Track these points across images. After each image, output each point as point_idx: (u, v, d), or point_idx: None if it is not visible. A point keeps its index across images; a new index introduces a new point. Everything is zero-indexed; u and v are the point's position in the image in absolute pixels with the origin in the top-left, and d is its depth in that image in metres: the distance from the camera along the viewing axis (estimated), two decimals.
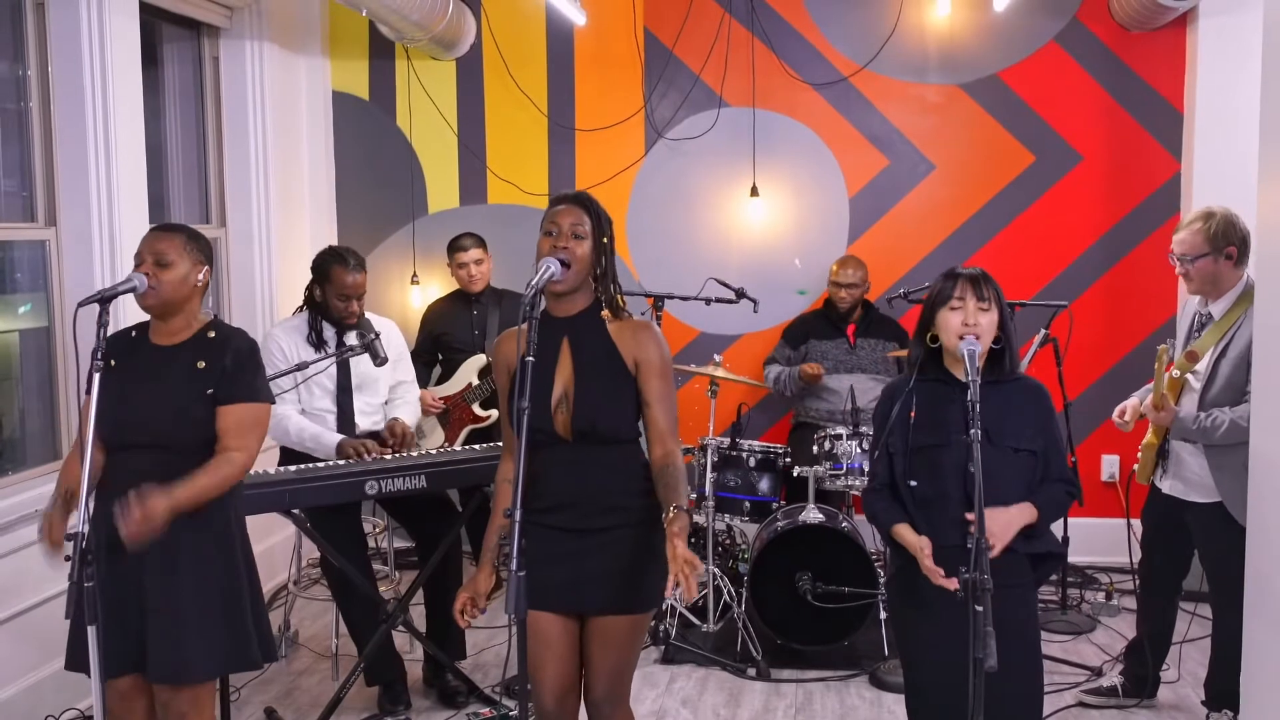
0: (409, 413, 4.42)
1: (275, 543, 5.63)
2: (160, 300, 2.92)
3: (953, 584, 2.61)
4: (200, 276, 2.99)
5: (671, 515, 2.67)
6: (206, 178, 5.64)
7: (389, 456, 4.02)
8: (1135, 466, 3.97)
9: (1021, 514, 2.79)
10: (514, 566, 2.39)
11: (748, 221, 6.03)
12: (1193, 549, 3.92)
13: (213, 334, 3.01)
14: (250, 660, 3.03)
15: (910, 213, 5.97)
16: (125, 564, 2.87)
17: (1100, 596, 5.25)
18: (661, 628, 4.70)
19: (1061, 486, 2.88)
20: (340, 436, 4.13)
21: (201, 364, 2.95)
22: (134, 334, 3.03)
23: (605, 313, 2.87)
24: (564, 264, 2.76)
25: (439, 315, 5.43)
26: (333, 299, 4.20)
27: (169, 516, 2.77)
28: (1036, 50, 5.83)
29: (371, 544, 4.76)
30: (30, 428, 4.44)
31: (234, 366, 2.97)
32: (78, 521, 2.66)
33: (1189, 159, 5.66)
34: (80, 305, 2.79)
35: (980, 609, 2.43)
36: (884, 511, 2.90)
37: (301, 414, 4.20)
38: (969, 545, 2.49)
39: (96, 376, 2.68)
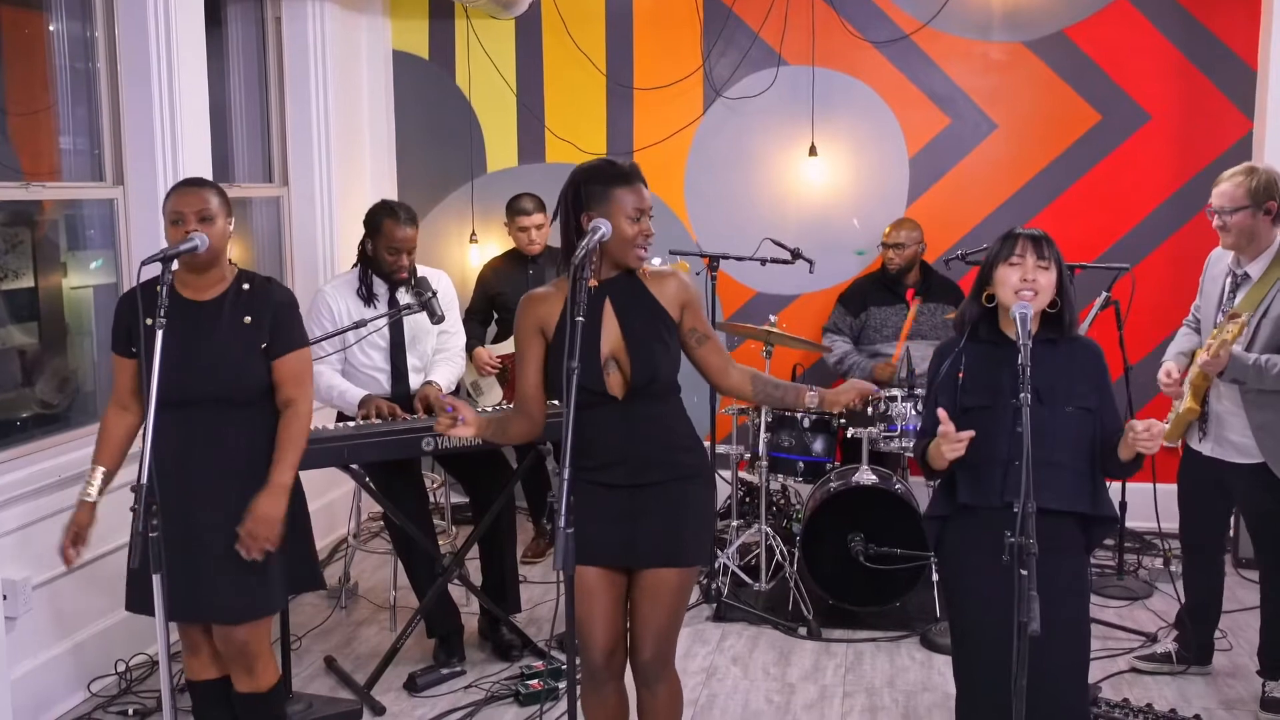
0: (448, 371, 4.41)
1: (335, 497, 5.75)
2: (212, 255, 2.98)
3: (967, 434, 2.69)
4: (230, 227, 3.07)
5: (821, 393, 2.97)
6: (269, 137, 5.72)
7: (408, 419, 4.05)
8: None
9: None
10: (562, 524, 2.42)
11: (806, 181, 6.00)
12: (1231, 509, 3.92)
13: (247, 285, 3.08)
14: (312, 580, 3.25)
15: (971, 173, 5.90)
16: (189, 515, 2.97)
17: (1158, 562, 5.20)
18: (714, 585, 4.74)
19: None
20: (363, 393, 4.19)
21: (248, 319, 3.02)
22: (160, 289, 2.91)
23: (644, 268, 2.91)
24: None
25: (496, 275, 5.47)
26: (383, 252, 4.25)
27: (285, 504, 2.97)
28: (1105, 7, 5.70)
29: (430, 499, 4.84)
30: (102, 382, 4.56)
31: (281, 319, 3.06)
32: (140, 474, 2.74)
33: (1262, 117, 5.49)
34: (144, 263, 2.85)
35: (1025, 573, 2.42)
36: (922, 449, 2.91)
37: (343, 373, 4.27)
38: (1015, 509, 2.48)
39: (160, 334, 2.74)
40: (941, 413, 2.73)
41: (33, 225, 4.30)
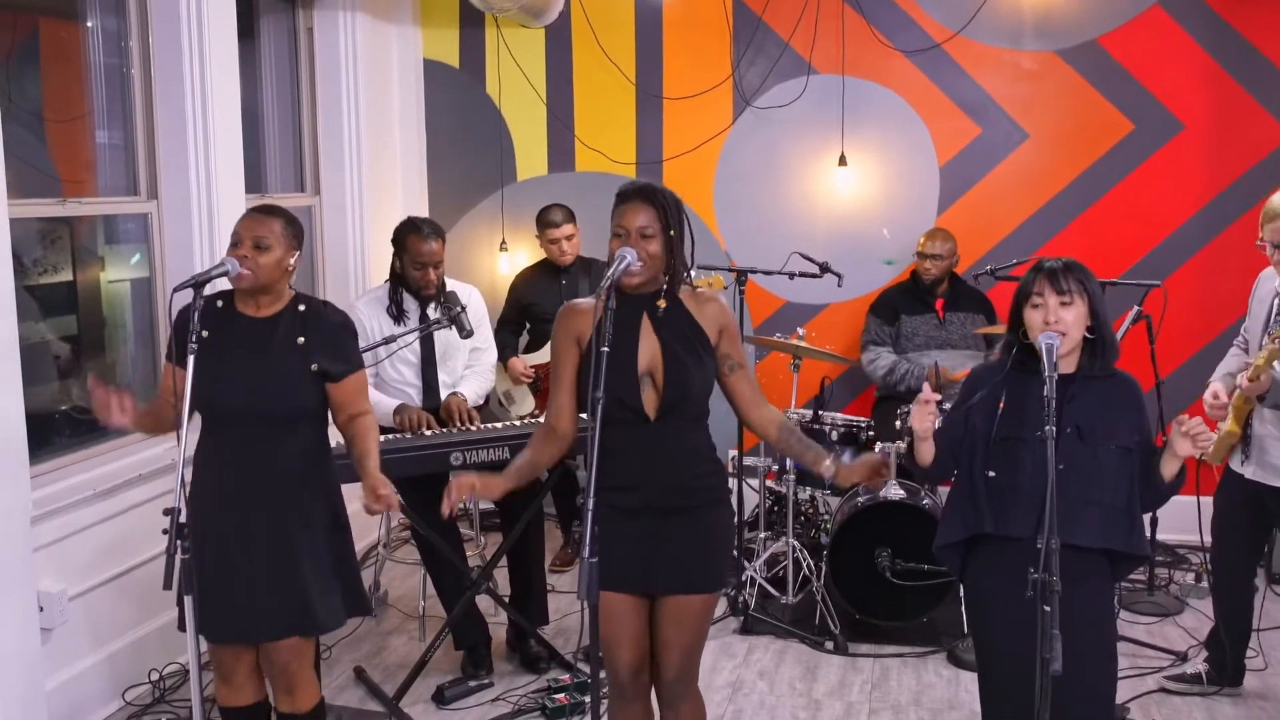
0: (476, 385, 4.46)
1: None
2: (255, 283, 3.00)
3: (935, 397, 2.75)
4: (292, 261, 3.06)
5: (838, 466, 2.96)
6: (301, 147, 5.76)
7: (432, 432, 4.08)
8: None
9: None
10: (586, 553, 2.44)
11: (836, 191, 5.98)
12: (1269, 533, 3.88)
13: (303, 307, 3.09)
14: (363, 607, 3.22)
15: (1002, 182, 5.86)
16: (239, 531, 3.00)
17: (1189, 578, 5.16)
18: (741, 598, 4.74)
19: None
20: (397, 402, 4.24)
21: (301, 339, 3.03)
22: (220, 304, 3.07)
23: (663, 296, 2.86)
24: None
25: (527, 285, 5.49)
26: (410, 268, 4.29)
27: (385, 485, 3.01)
28: (1138, 15, 5.65)
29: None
30: (138, 378, 4.60)
31: (338, 342, 3.09)
32: (174, 499, 2.77)
33: None
34: (175, 290, 2.88)
35: (1048, 609, 2.41)
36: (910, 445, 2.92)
37: (375, 387, 4.31)
38: (1039, 545, 2.47)
39: (192, 358, 2.78)
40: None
41: (70, 221, 4.35)
